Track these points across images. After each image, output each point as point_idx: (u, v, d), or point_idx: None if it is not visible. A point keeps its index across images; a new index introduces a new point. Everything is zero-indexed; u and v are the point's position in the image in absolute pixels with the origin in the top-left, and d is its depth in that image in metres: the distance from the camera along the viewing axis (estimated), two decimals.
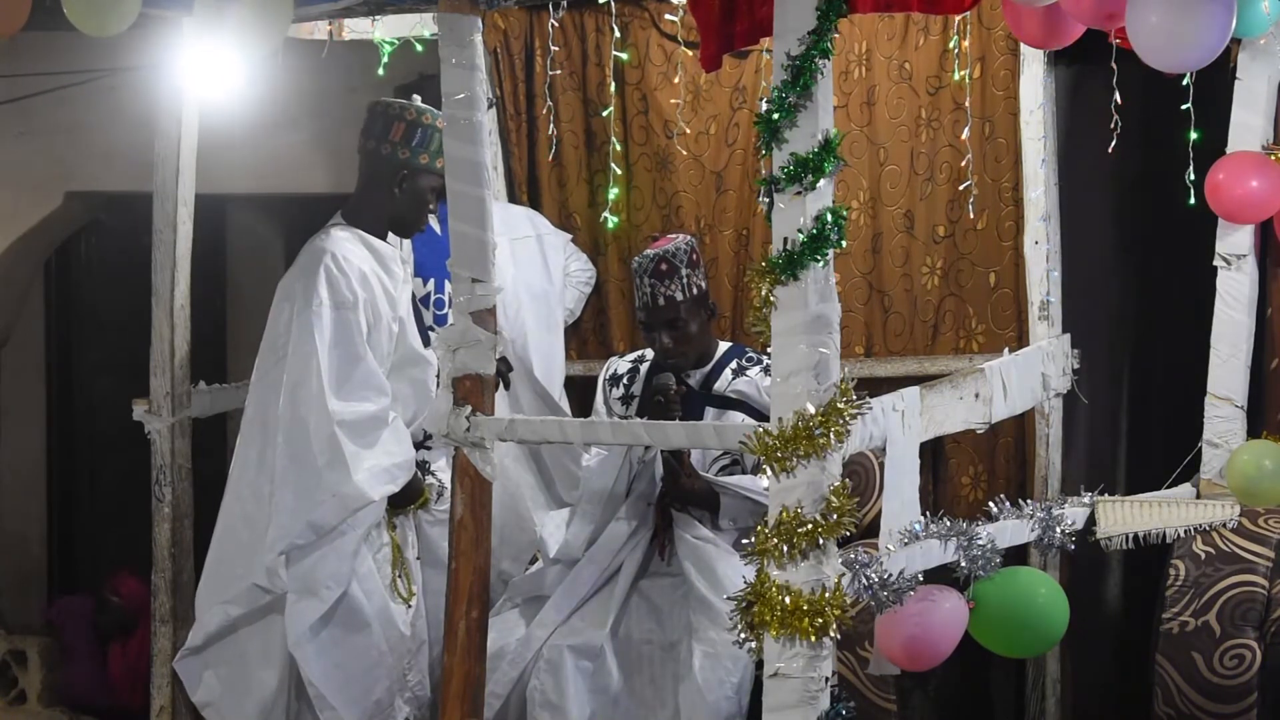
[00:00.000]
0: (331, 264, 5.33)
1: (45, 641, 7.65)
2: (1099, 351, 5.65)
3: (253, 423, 5.39)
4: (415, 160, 5.46)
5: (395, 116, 5.48)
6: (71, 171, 7.78)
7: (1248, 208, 5.16)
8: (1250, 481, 5.09)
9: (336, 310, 5.31)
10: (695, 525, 5.40)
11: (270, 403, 5.32)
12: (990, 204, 5.65)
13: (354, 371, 5.30)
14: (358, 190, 5.57)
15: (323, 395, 5.23)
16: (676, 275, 5.44)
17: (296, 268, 5.42)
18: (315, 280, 5.31)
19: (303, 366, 5.26)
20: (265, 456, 5.31)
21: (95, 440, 8.61)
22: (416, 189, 5.48)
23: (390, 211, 5.50)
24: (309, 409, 5.24)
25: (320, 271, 5.31)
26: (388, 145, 5.47)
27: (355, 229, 5.47)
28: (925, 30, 5.76)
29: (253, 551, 5.27)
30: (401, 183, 5.46)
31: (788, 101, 3.92)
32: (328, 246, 5.38)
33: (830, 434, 3.94)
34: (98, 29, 4.96)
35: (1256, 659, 5.00)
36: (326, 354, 5.26)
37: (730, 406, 5.47)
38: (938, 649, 4.35)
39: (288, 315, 5.34)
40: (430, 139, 5.44)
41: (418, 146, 5.45)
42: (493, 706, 5.23)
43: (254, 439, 5.37)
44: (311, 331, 5.27)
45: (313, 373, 5.24)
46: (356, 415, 5.26)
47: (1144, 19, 4.06)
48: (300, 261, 5.42)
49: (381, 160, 5.48)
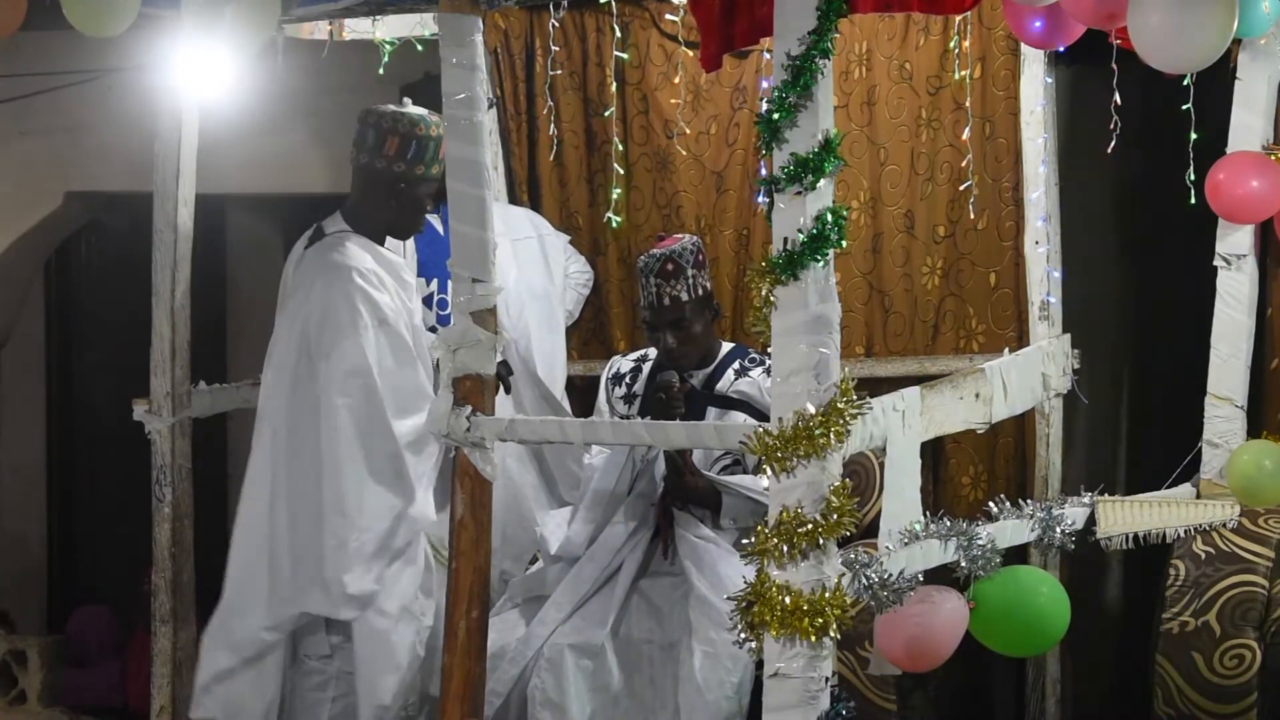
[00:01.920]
0: (362, 281, 5.28)
1: (45, 641, 7.64)
2: (1099, 351, 5.66)
3: (282, 439, 5.33)
4: (412, 172, 5.36)
5: (388, 130, 5.34)
6: (71, 171, 7.77)
7: (1248, 208, 5.16)
8: (1250, 481, 5.09)
9: (381, 328, 5.27)
10: (697, 524, 5.40)
11: (309, 421, 5.27)
12: (990, 204, 5.65)
13: (409, 386, 5.28)
14: (355, 200, 5.48)
15: (385, 418, 5.21)
16: (682, 275, 5.44)
17: (320, 282, 5.32)
18: (353, 299, 5.26)
19: (361, 391, 5.22)
20: (303, 479, 5.28)
21: (95, 440, 8.60)
22: (414, 196, 5.41)
23: (388, 220, 5.44)
24: (373, 432, 5.21)
25: (354, 290, 5.26)
26: (382, 160, 5.35)
27: (362, 236, 5.42)
28: (925, 30, 5.76)
29: (308, 575, 5.23)
30: (399, 195, 5.39)
31: (788, 101, 3.93)
32: (351, 263, 5.31)
33: (830, 434, 3.94)
34: (97, 29, 4.95)
35: (1256, 659, 5.00)
36: (382, 375, 5.24)
37: (732, 407, 5.47)
38: (938, 649, 4.35)
39: (323, 334, 5.27)
40: (425, 149, 5.34)
41: (414, 159, 5.35)
42: (493, 705, 5.23)
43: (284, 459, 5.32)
44: (364, 354, 5.23)
45: (373, 396, 5.22)
46: (415, 429, 5.23)
47: (1145, 19, 4.06)
48: (323, 277, 5.32)
49: (377, 175, 5.37)
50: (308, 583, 5.25)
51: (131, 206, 7.22)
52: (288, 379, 5.35)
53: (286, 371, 5.36)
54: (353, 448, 5.23)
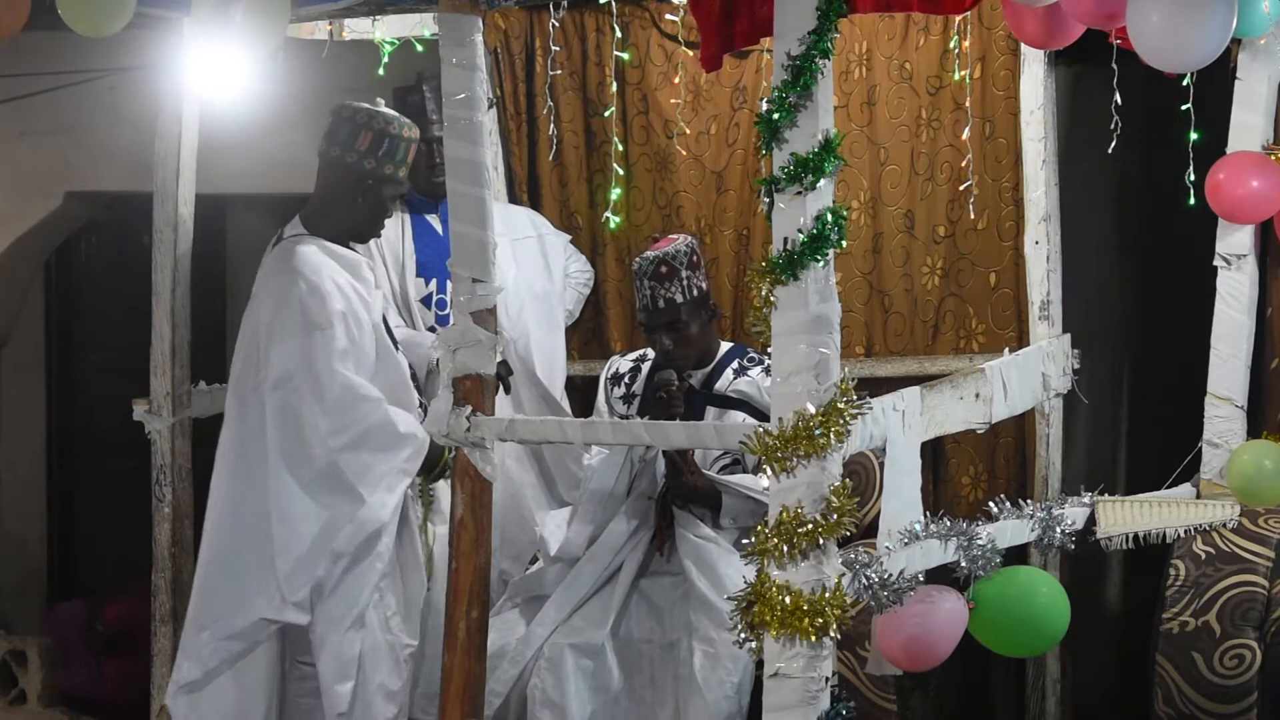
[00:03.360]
0: (305, 286, 5.18)
1: (45, 642, 7.64)
2: (1099, 351, 5.66)
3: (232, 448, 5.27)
4: (380, 170, 5.28)
5: (362, 125, 5.29)
6: (71, 171, 7.77)
7: (1248, 208, 5.16)
8: (1250, 481, 5.09)
9: (313, 333, 5.15)
10: (697, 524, 5.40)
11: (254, 429, 5.19)
12: (990, 204, 5.66)
13: (341, 392, 5.15)
14: (317, 198, 5.38)
15: (316, 424, 5.11)
16: (676, 277, 5.44)
17: (269, 291, 5.25)
18: (292, 304, 5.16)
19: (291, 396, 5.14)
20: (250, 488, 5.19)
21: (95, 440, 8.60)
22: (379, 198, 5.31)
23: (350, 221, 5.34)
24: (308, 438, 5.12)
25: (295, 296, 5.17)
26: (353, 154, 5.28)
27: (318, 239, 5.30)
28: (925, 30, 5.76)
29: (257, 582, 5.15)
30: (364, 193, 5.30)
31: (788, 101, 3.93)
32: (298, 267, 5.22)
33: (830, 434, 3.94)
34: (92, 29, 4.94)
35: (1256, 659, 5.00)
36: (312, 382, 5.13)
37: (731, 406, 5.48)
38: (938, 649, 4.35)
39: (263, 340, 5.20)
40: (397, 149, 5.28)
41: (384, 157, 5.27)
42: (493, 705, 5.23)
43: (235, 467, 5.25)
44: (296, 359, 5.13)
45: (303, 401, 5.12)
46: (353, 434, 5.13)
47: (1145, 19, 4.06)
48: (271, 285, 5.26)
49: (345, 169, 5.29)
50: (257, 590, 5.15)
51: (131, 206, 7.22)
52: (237, 388, 5.28)
53: (236, 379, 5.29)
54: (279, 455, 5.13)
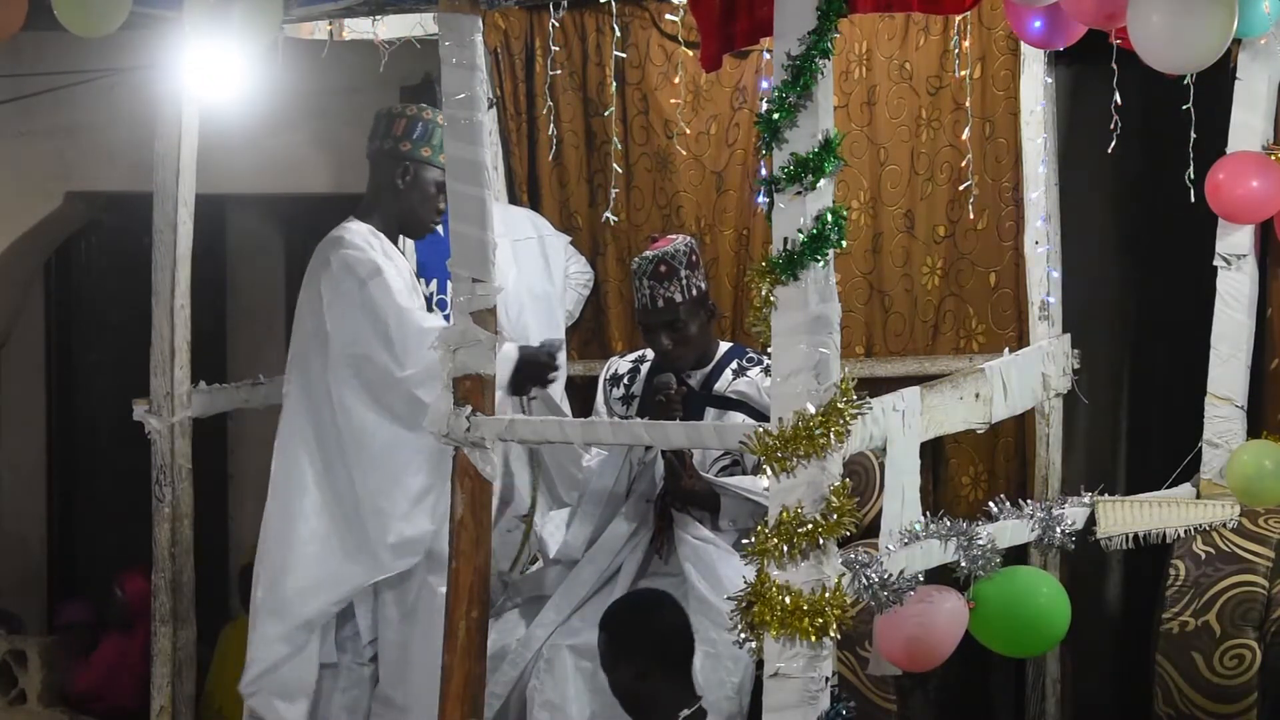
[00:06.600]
0: (345, 249, 5.43)
1: (45, 641, 7.64)
2: (1099, 351, 5.66)
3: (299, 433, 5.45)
4: (416, 152, 5.54)
5: (397, 114, 5.60)
6: (71, 171, 7.78)
7: (1248, 208, 5.16)
8: (1250, 481, 5.09)
9: (365, 285, 5.38)
10: (696, 526, 5.40)
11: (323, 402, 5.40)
12: (990, 204, 5.66)
13: (406, 327, 5.35)
14: (368, 192, 5.65)
15: (388, 366, 5.32)
16: (675, 277, 5.44)
17: (316, 270, 5.49)
18: (340, 272, 5.40)
19: (361, 346, 5.35)
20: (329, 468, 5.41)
21: (95, 440, 8.60)
22: (421, 181, 5.56)
23: (399, 208, 5.57)
24: (383, 387, 5.33)
25: (341, 260, 5.42)
26: (390, 140, 5.57)
27: (365, 223, 5.57)
28: (925, 30, 5.76)
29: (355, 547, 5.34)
30: (404, 175, 5.54)
31: (788, 101, 3.92)
32: (340, 236, 5.49)
33: (830, 434, 3.94)
34: (88, 29, 4.94)
35: (1256, 659, 5.00)
36: (377, 327, 5.34)
37: (730, 407, 5.47)
38: (938, 649, 4.35)
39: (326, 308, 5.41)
40: (431, 133, 5.53)
41: (418, 139, 5.54)
42: (493, 706, 5.23)
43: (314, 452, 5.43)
44: (357, 314, 5.35)
45: (371, 348, 5.33)
46: (426, 364, 5.25)
47: (1145, 19, 4.06)
48: (316, 263, 5.51)
49: (385, 156, 5.57)
50: (354, 558, 5.35)
51: (131, 206, 7.22)
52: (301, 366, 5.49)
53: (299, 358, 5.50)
54: (370, 405, 5.36)
